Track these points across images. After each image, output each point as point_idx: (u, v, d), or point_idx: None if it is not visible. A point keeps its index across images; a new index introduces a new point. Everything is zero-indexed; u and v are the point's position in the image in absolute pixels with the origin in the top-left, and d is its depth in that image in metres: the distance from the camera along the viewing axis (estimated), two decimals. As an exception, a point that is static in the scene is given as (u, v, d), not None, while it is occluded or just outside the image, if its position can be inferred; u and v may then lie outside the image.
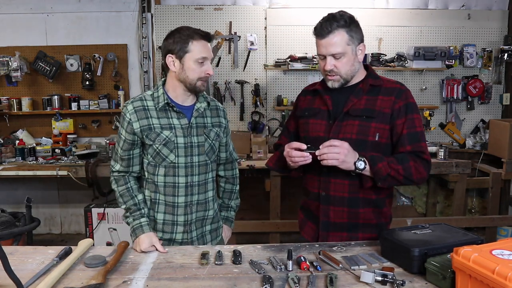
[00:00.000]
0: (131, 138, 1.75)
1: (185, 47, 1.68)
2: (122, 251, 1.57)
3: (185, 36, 1.69)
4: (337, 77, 1.69)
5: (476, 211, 4.30)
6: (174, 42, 1.70)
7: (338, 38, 1.63)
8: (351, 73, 1.70)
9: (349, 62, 1.67)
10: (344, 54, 1.64)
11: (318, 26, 1.66)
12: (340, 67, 1.66)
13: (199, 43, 1.69)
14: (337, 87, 1.71)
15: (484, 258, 1.09)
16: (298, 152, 1.63)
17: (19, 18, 4.25)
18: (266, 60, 4.28)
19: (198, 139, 1.78)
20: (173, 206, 1.78)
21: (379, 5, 4.29)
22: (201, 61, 1.70)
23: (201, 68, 1.71)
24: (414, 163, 1.64)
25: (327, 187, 1.72)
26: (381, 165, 1.60)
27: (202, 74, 1.71)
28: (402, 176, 1.62)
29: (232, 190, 2.05)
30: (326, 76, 1.71)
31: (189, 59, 1.69)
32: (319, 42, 1.67)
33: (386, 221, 1.80)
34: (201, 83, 1.73)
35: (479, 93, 4.34)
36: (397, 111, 1.67)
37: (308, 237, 1.84)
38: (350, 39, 1.65)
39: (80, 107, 4.28)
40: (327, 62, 1.66)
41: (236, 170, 2.06)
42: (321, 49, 1.67)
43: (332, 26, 1.62)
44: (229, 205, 2.04)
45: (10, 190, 4.45)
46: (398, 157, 1.65)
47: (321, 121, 1.75)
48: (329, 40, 1.63)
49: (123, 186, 1.79)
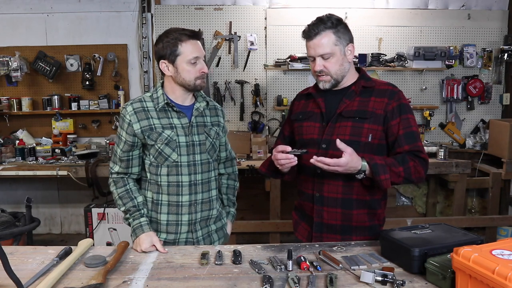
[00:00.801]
0: (131, 139, 1.75)
1: (176, 51, 1.70)
2: (122, 251, 1.57)
3: (173, 40, 1.70)
4: (328, 78, 1.71)
5: (476, 211, 4.30)
6: (164, 47, 1.72)
7: (325, 39, 1.67)
8: (341, 73, 1.72)
9: (338, 62, 1.69)
10: (332, 54, 1.68)
11: (306, 29, 1.71)
12: (329, 67, 1.69)
13: (188, 44, 1.70)
14: (328, 87, 1.73)
15: (484, 258, 1.09)
16: (283, 155, 1.66)
17: (19, 18, 4.25)
18: (266, 60, 4.28)
19: (199, 137, 1.79)
20: (177, 206, 1.78)
21: (379, 5, 4.29)
22: (193, 61, 1.71)
23: (196, 68, 1.72)
24: (413, 163, 1.65)
25: (321, 188, 1.74)
26: (383, 177, 1.61)
27: (198, 73, 1.73)
28: (402, 178, 1.64)
29: (234, 186, 2.06)
30: (317, 77, 1.74)
31: (181, 61, 1.71)
32: (307, 44, 1.71)
33: (380, 223, 1.80)
34: (200, 81, 1.75)
35: (479, 93, 4.34)
36: (391, 112, 1.69)
37: (302, 238, 1.86)
38: (337, 40, 1.68)
39: (80, 107, 4.28)
40: (316, 63, 1.70)
41: (235, 167, 2.08)
42: (310, 51, 1.71)
43: (319, 28, 1.67)
44: (233, 200, 2.06)
45: (10, 190, 4.45)
46: (398, 158, 1.66)
47: (314, 123, 1.78)
48: (317, 42, 1.67)
49: (122, 188, 1.79)
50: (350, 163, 1.56)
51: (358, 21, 4.13)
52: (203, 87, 1.78)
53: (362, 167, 1.60)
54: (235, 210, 2.07)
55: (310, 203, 1.78)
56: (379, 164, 1.62)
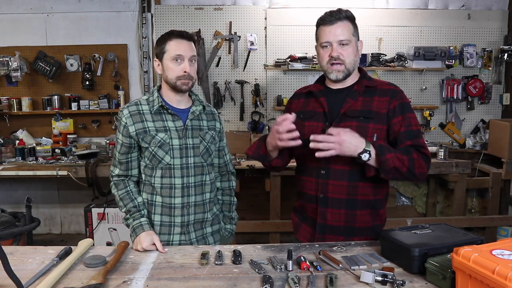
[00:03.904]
0: (128, 141, 1.78)
1: (163, 48, 1.75)
2: (122, 251, 1.57)
3: (163, 38, 1.76)
4: (342, 67, 1.69)
5: (476, 211, 4.30)
6: (157, 45, 1.79)
7: (346, 26, 1.69)
8: (353, 65, 1.72)
9: (353, 52, 1.70)
10: (350, 42, 1.68)
11: (325, 15, 1.70)
12: (346, 55, 1.68)
13: (173, 42, 1.73)
14: (341, 78, 1.71)
15: (484, 258, 1.09)
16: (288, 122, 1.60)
17: (19, 18, 4.25)
18: (266, 60, 4.28)
19: (194, 141, 1.80)
20: (170, 208, 1.79)
21: (379, 5, 4.29)
22: (176, 58, 1.72)
23: (179, 67, 1.73)
24: (417, 155, 1.63)
25: (325, 189, 1.72)
26: (389, 156, 1.58)
27: (180, 72, 1.73)
28: (406, 167, 1.60)
29: (230, 202, 2.03)
30: (329, 67, 1.70)
31: (166, 58, 1.75)
32: (325, 29, 1.69)
33: (381, 223, 1.80)
34: (181, 82, 1.74)
35: (479, 93, 4.34)
36: (393, 110, 1.69)
37: (304, 240, 1.83)
38: (354, 31, 1.71)
39: (80, 107, 4.29)
40: (333, 48, 1.67)
41: (232, 182, 2.04)
42: (328, 36, 1.68)
43: (341, 15, 1.68)
44: (231, 216, 2.03)
45: (10, 190, 4.45)
46: (402, 149, 1.64)
47: (317, 123, 1.75)
48: (338, 27, 1.67)
49: (123, 189, 1.81)
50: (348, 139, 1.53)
51: (358, 21, 4.04)
52: (185, 90, 1.77)
53: (366, 146, 1.56)
54: (232, 226, 2.03)
55: (314, 204, 1.76)
56: (383, 145, 1.61)
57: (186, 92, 1.79)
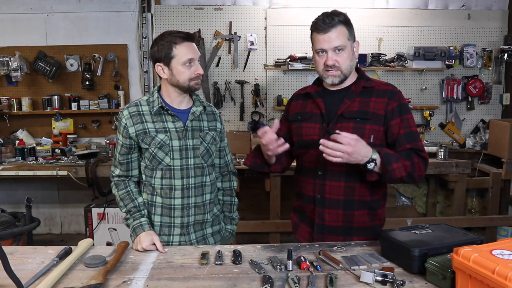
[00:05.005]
0: (128, 142, 1.78)
1: (170, 53, 1.71)
2: (122, 251, 1.57)
3: (167, 42, 1.71)
4: (338, 72, 1.68)
5: (476, 211, 4.30)
6: (159, 50, 1.73)
7: (341, 32, 1.64)
8: (350, 69, 1.70)
9: (349, 57, 1.68)
10: (345, 48, 1.65)
11: (318, 22, 1.66)
12: (341, 61, 1.66)
13: (182, 46, 1.71)
14: (337, 82, 1.70)
15: (484, 258, 1.09)
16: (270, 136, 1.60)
17: (19, 18, 4.25)
18: (266, 60, 4.28)
19: (194, 142, 1.79)
20: (170, 208, 1.79)
21: (379, 5, 4.29)
22: (188, 63, 1.72)
23: (191, 70, 1.73)
24: (417, 159, 1.64)
25: (323, 189, 1.72)
26: (395, 166, 1.56)
27: (193, 75, 1.73)
28: (407, 172, 1.59)
29: (231, 202, 2.02)
30: (325, 72, 1.69)
31: (176, 64, 1.72)
32: (319, 37, 1.65)
33: (380, 223, 1.79)
34: (194, 82, 1.75)
35: (479, 93, 4.34)
36: (391, 112, 1.68)
37: (303, 239, 1.83)
38: (349, 35, 1.67)
39: (80, 107, 4.28)
40: (328, 57, 1.65)
41: (233, 182, 2.03)
42: (323, 44, 1.65)
43: (334, 21, 1.63)
44: (232, 217, 2.03)
45: (10, 190, 4.45)
46: (403, 153, 1.64)
47: (314, 124, 1.75)
48: (332, 34, 1.63)
49: (123, 190, 1.81)
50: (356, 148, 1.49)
51: (358, 21, 4.12)
52: (198, 89, 1.78)
53: (373, 155, 1.54)
54: (233, 227, 2.03)
55: (311, 205, 1.76)
56: (390, 153, 1.59)
57: (198, 89, 1.79)
